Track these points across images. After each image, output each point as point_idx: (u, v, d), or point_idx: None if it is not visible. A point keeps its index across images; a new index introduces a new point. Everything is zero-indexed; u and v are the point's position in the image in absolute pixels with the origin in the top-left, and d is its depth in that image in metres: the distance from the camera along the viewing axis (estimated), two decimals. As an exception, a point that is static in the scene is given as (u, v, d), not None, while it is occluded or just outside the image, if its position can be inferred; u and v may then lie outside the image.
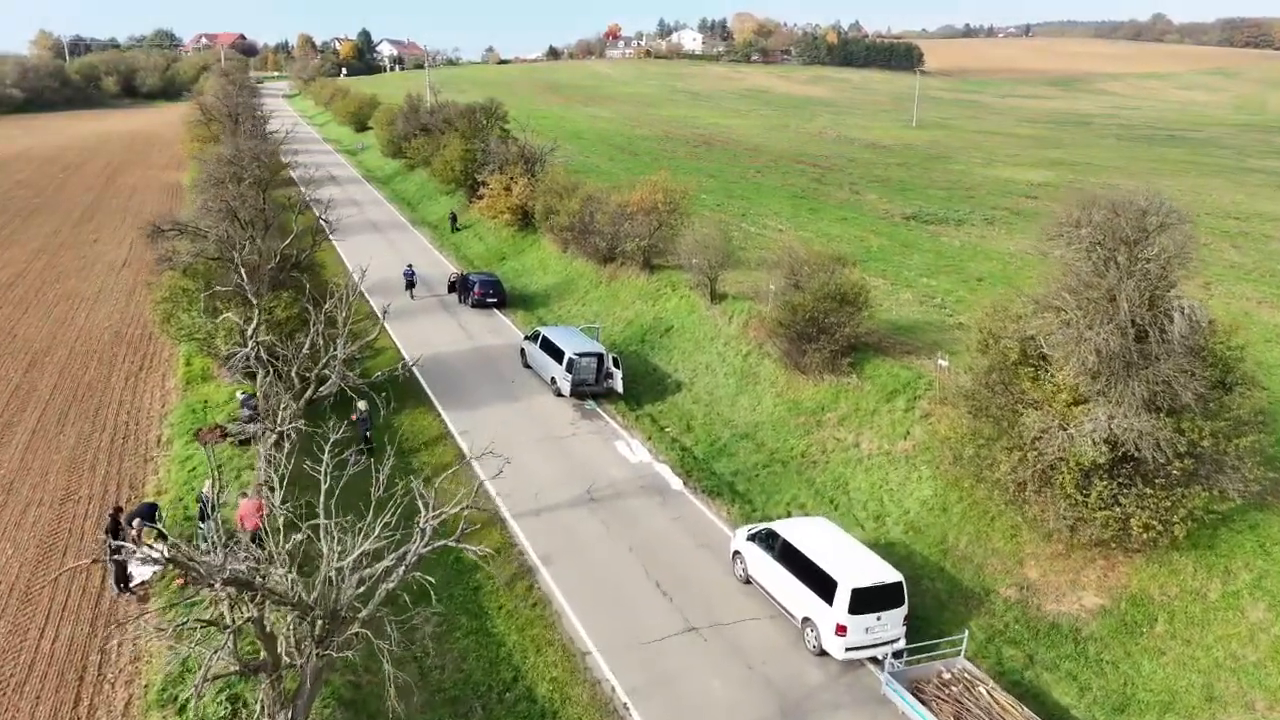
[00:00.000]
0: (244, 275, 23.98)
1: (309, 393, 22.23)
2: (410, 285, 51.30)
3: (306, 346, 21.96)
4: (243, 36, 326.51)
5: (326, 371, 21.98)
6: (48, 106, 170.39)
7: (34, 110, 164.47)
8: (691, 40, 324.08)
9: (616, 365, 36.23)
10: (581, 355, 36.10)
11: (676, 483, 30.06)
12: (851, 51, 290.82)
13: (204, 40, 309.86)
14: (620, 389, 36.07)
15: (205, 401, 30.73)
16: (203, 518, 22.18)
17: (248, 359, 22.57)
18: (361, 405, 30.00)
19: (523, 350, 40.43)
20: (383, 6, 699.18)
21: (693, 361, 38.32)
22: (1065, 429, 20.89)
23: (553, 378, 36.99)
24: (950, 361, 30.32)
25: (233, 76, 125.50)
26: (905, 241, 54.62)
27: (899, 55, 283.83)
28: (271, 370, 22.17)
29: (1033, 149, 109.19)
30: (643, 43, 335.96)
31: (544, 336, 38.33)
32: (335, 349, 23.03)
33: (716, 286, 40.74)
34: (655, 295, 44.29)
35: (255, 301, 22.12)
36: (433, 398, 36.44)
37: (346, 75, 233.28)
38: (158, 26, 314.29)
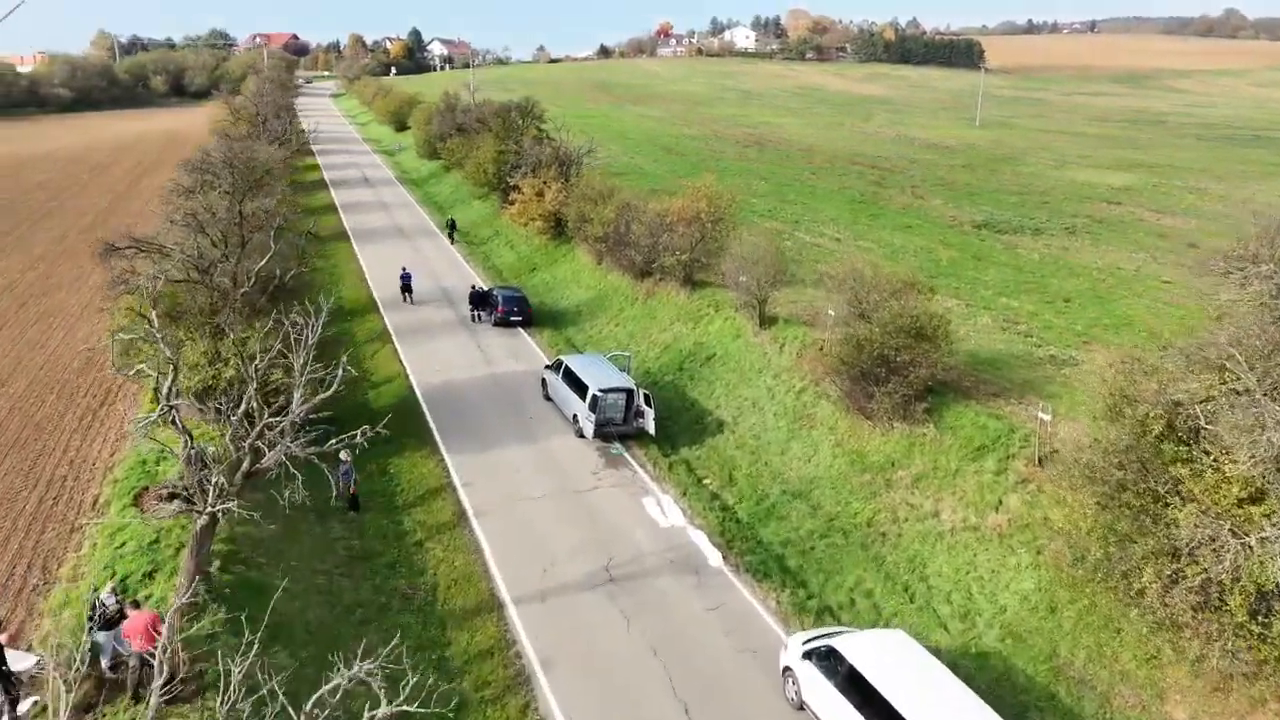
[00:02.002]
0: (153, 320, 19.28)
1: (245, 465, 17.53)
2: (406, 290, 47.54)
3: (240, 410, 17.26)
4: (295, 36, 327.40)
5: (261, 444, 17.26)
6: (95, 106, 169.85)
7: (82, 109, 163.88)
8: (744, 38, 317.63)
9: (648, 403, 31.15)
10: (607, 391, 31.10)
11: (715, 557, 24.86)
12: (909, 49, 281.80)
13: (258, 40, 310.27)
14: (652, 430, 30.99)
15: (161, 451, 26.07)
16: (107, 621, 17.32)
17: (161, 422, 17.90)
18: (345, 456, 25.77)
19: (544, 380, 35.57)
20: (436, 6, 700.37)
21: (737, 397, 33.16)
22: (1240, 537, 15.39)
23: (575, 415, 32.08)
24: (1052, 412, 24.74)
25: (267, 75, 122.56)
26: (977, 254, 48.88)
27: (959, 52, 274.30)
28: (191, 439, 17.48)
29: (1106, 149, 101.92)
30: (694, 41, 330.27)
31: (567, 367, 33.43)
32: (291, 402, 18.27)
33: (766, 308, 35.54)
34: (696, 316, 39.16)
35: (170, 353, 17.40)
36: (437, 437, 31.81)
37: (396, 74, 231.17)
38: (214, 27, 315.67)
